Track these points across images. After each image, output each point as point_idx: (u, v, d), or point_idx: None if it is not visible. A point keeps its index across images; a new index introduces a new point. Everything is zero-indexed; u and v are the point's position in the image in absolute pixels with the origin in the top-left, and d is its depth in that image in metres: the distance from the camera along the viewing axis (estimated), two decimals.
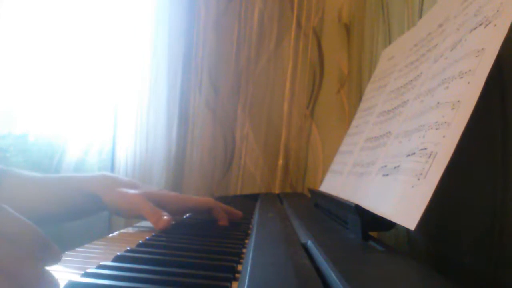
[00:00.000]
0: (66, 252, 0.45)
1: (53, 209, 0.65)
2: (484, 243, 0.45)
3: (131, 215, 0.64)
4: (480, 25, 0.42)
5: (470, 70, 0.40)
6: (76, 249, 0.48)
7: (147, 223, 0.71)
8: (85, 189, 0.65)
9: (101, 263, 0.38)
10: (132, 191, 0.64)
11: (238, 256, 0.44)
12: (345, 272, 0.31)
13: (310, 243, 0.43)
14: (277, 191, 1.25)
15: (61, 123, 1.18)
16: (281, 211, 0.75)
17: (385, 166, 0.51)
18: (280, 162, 1.27)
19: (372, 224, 0.45)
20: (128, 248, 0.46)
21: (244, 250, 0.48)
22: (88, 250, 0.49)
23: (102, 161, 1.21)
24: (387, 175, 0.49)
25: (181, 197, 0.70)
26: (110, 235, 0.60)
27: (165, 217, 0.59)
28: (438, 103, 0.43)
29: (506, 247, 0.42)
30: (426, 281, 0.32)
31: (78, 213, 0.69)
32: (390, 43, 0.90)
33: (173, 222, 0.63)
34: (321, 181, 0.88)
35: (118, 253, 0.42)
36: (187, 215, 0.76)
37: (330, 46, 1.29)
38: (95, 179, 0.67)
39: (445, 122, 0.40)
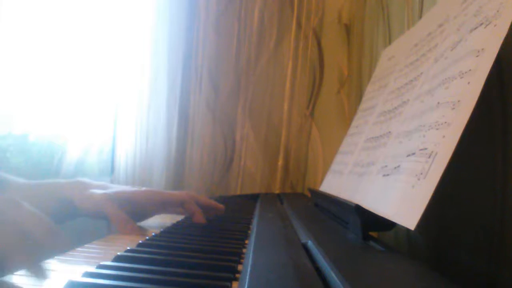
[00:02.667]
0: (66, 252, 0.45)
1: None
2: (484, 243, 0.45)
3: (98, 216, 0.64)
4: (480, 25, 0.42)
5: (470, 70, 0.40)
6: (76, 249, 0.48)
7: (146, 223, 0.71)
8: (59, 194, 0.65)
9: (101, 263, 0.38)
10: (98, 192, 0.64)
11: (238, 256, 0.44)
12: (345, 272, 0.31)
13: (310, 243, 0.43)
14: (277, 191, 1.25)
15: (61, 123, 1.18)
16: (281, 211, 0.75)
17: (386, 166, 0.51)
18: (280, 162, 1.27)
19: (372, 224, 0.45)
20: (128, 248, 0.46)
21: (244, 250, 0.48)
22: (88, 250, 0.49)
23: (102, 161, 1.21)
24: (387, 175, 0.49)
25: (153, 193, 0.68)
26: (110, 235, 0.60)
27: (130, 224, 0.60)
28: (438, 103, 0.43)
29: (506, 247, 0.42)
30: (426, 281, 0.32)
31: (57, 218, 0.67)
32: (390, 43, 0.90)
33: (139, 225, 0.63)
34: (321, 181, 0.88)
35: (118, 253, 0.42)
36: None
37: (330, 46, 1.29)
38: (68, 184, 0.67)
39: (445, 122, 0.40)
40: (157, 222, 0.74)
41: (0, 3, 1.10)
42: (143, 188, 0.70)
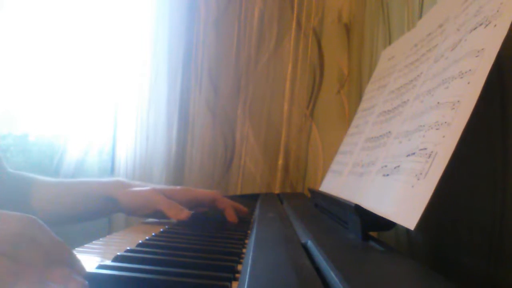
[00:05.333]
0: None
1: (76, 211, 0.72)
2: (484, 243, 0.45)
3: (146, 212, 0.69)
4: (480, 25, 0.42)
5: (470, 70, 0.40)
6: (76, 249, 0.48)
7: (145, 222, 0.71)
8: (103, 193, 0.71)
9: (100, 263, 0.38)
10: (144, 189, 0.69)
11: (238, 256, 0.44)
12: (345, 272, 0.31)
13: (310, 243, 0.43)
14: (277, 191, 1.25)
15: (61, 123, 1.18)
16: (281, 211, 0.75)
17: (385, 166, 0.51)
18: (280, 162, 1.27)
19: (372, 224, 0.45)
20: (128, 248, 0.46)
21: (244, 250, 0.48)
22: (88, 250, 0.49)
23: (102, 161, 1.21)
24: (387, 175, 0.49)
25: (187, 190, 0.75)
26: (110, 235, 0.60)
27: (184, 210, 0.65)
28: (438, 103, 0.43)
29: (506, 247, 0.42)
30: (426, 281, 0.32)
31: (96, 214, 0.76)
32: (390, 43, 0.90)
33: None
34: (321, 181, 0.88)
35: (118, 253, 0.42)
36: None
37: (330, 46, 1.29)
38: (111, 184, 0.73)
39: (445, 122, 0.40)
40: (157, 222, 0.74)
41: (1, 3, 1.10)
42: (178, 187, 0.76)
